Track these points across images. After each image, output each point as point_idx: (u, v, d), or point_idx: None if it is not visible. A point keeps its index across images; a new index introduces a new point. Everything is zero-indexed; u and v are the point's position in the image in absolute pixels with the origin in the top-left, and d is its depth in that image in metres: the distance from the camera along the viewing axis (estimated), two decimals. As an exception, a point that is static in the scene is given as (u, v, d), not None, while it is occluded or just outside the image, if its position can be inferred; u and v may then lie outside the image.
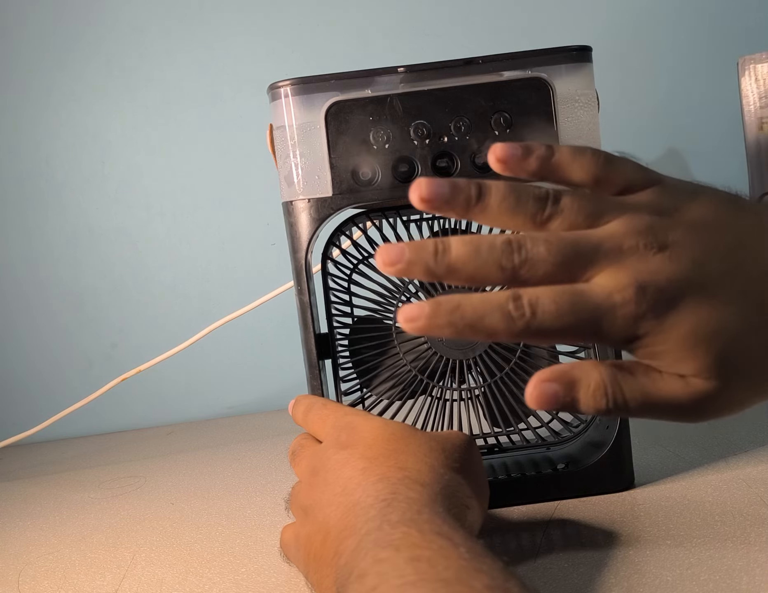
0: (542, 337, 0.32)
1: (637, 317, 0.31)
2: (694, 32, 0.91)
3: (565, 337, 0.32)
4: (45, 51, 0.90)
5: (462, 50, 0.52)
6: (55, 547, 0.55)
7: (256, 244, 0.92)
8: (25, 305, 0.92)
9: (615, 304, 0.31)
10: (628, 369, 0.33)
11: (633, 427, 0.51)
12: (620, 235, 0.32)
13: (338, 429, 0.42)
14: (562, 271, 0.32)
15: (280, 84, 0.49)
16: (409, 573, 0.28)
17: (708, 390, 0.32)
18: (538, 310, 0.31)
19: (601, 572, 0.39)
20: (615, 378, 0.32)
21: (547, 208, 0.33)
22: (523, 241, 0.32)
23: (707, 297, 0.31)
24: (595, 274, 0.32)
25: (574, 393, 0.32)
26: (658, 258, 0.32)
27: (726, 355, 0.31)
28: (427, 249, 0.32)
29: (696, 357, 0.31)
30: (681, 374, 0.32)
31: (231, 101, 0.91)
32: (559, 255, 0.32)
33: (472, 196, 0.33)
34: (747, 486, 0.48)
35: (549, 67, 0.48)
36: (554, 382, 0.32)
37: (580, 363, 0.33)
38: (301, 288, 0.51)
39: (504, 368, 0.50)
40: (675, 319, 0.31)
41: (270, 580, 0.44)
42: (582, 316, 0.31)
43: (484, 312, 0.31)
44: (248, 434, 0.82)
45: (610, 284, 0.31)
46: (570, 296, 0.31)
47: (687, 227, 0.33)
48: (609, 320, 0.31)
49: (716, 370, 0.31)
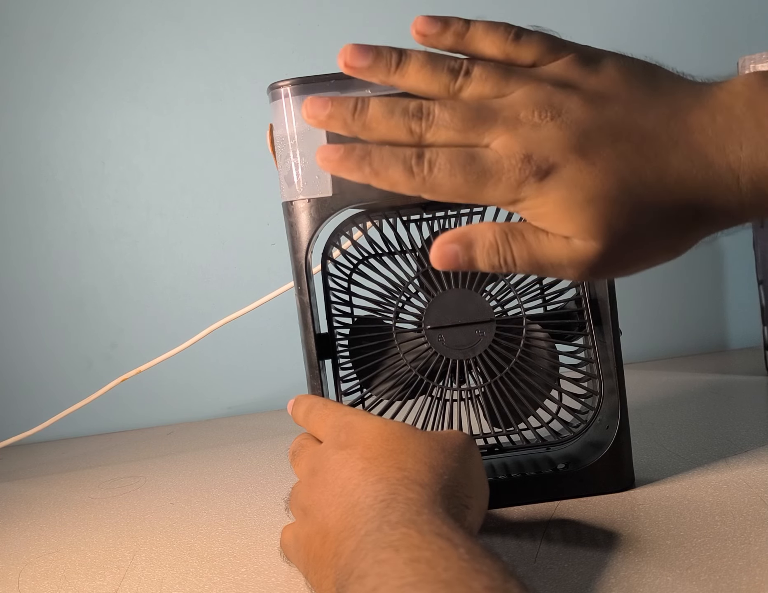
0: (435, 193, 0.35)
1: (519, 182, 0.34)
2: (694, 32, 0.91)
3: (456, 194, 0.35)
4: (45, 51, 0.90)
5: (462, 50, 0.52)
6: (55, 547, 0.55)
7: (256, 244, 0.92)
8: (25, 305, 0.92)
9: (501, 169, 0.34)
10: (520, 230, 0.36)
11: (633, 427, 0.51)
12: (519, 105, 0.35)
13: (337, 429, 0.42)
14: (463, 136, 0.35)
15: (280, 84, 0.49)
16: (409, 574, 0.28)
17: (587, 250, 0.34)
18: (435, 168, 0.35)
19: (601, 572, 0.40)
20: (505, 238, 0.36)
21: (458, 78, 0.36)
22: (432, 107, 0.35)
23: (587, 163, 0.34)
24: (491, 141, 0.35)
25: (471, 253, 0.36)
26: (549, 126, 0.34)
27: (602, 218, 0.34)
28: (348, 105, 0.36)
29: (572, 219, 0.34)
30: (564, 235, 0.35)
31: (231, 101, 0.91)
32: (461, 121, 0.35)
33: (392, 62, 0.37)
34: (747, 486, 0.49)
35: (549, 66, 0.48)
36: (454, 243, 0.36)
37: (477, 225, 0.36)
38: (301, 288, 0.51)
39: (504, 368, 0.50)
40: (554, 184, 0.34)
41: (270, 580, 0.44)
42: (470, 177, 0.34)
43: (389, 163, 0.35)
44: (248, 434, 0.82)
45: (501, 150, 0.34)
46: (464, 157, 0.34)
47: (583, 98, 0.35)
48: (494, 182, 0.34)
49: (593, 232, 0.34)
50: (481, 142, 0.35)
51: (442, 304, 0.50)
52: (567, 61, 0.37)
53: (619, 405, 0.50)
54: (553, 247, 0.35)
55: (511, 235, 0.35)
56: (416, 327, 0.50)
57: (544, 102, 0.35)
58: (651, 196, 0.34)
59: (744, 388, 0.74)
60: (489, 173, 0.34)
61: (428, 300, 0.50)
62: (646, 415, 0.67)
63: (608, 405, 0.51)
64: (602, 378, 0.51)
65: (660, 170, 0.34)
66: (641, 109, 0.35)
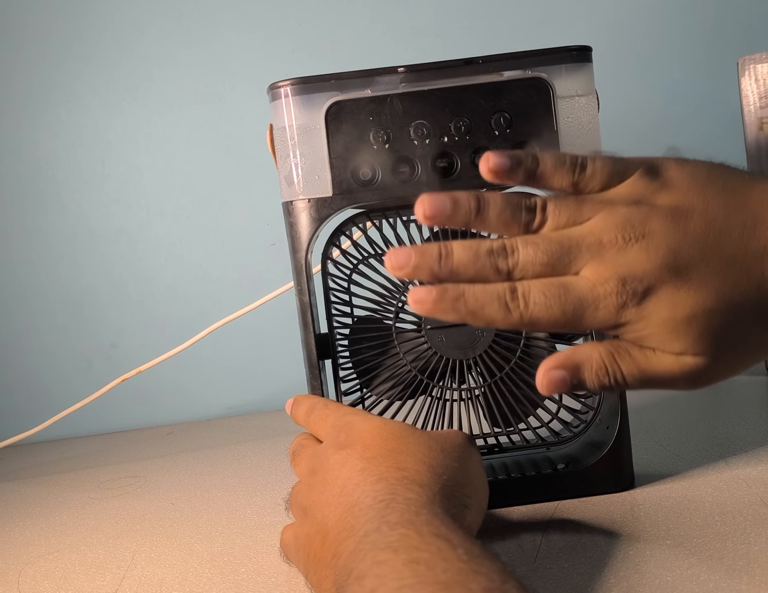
0: (534, 326, 0.35)
1: (618, 307, 0.34)
2: (694, 32, 0.91)
3: (555, 325, 0.35)
4: (45, 50, 0.90)
5: (462, 50, 0.52)
6: (55, 547, 0.55)
7: (256, 244, 0.92)
8: (25, 305, 0.92)
9: (598, 296, 0.34)
10: (625, 348, 0.36)
11: (633, 427, 0.51)
12: (599, 230, 0.35)
13: (337, 429, 0.42)
14: (550, 269, 0.35)
15: (280, 84, 0.49)
16: (408, 575, 0.28)
17: (698, 364, 0.35)
18: (530, 302, 0.35)
19: (601, 572, 0.39)
20: (613, 358, 0.35)
21: (536, 217, 0.37)
22: (515, 244, 0.36)
23: (684, 281, 0.34)
24: (580, 268, 0.35)
25: (580, 376, 0.35)
26: (636, 248, 0.34)
27: (708, 333, 0.34)
28: (432, 254, 0.36)
29: (679, 339, 0.34)
30: (673, 352, 0.35)
31: (231, 101, 0.91)
32: (545, 254, 0.35)
33: (471, 209, 0.36)
34: (747, 486, 0.48)
35: (549, 67, 0.48)
36: (560, 369, 0.35)
37: (581, 347, 0.36)
38: (301, 288, 0.51)
39: (504, 368, 0.50)
40: (654, 306, 0.34)
41: (270, 580, 0.44)
42: (567, 307, 0.34)
43: (484, 302, 0.35)
44: (248, 434, 0.82)
45: (593, 277, 0.34)
46: (557, 288, 0.35)
47: (661, 215, 0.35)
48: (592, 310, 0.34)
49: (701, 347, 0.34)
50: (570, 272, 0.35)
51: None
52: (633, 179, 0.37)
53: (619, 405, 0.50)
54: (663, 363, 0.35)
55: (618, 355, 0.35)
56: (416, 327, 0.50)
57: (624, 223, 0.35)
58: (750, 305, 0.34)
59: (744, 388, 0.73)
60: (586, 302, 0.34)
61: (428, 301, 0.50)
62: (646, 415, 0.67)
63: (608, 405, 0.51)
64: (602, 378, 0.51)
65: (756, 280, 0.34)
66: (722, 219, 0.35)
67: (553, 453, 0.54)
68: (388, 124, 0.48)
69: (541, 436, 0.52)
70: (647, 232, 0.34)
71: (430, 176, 0.48)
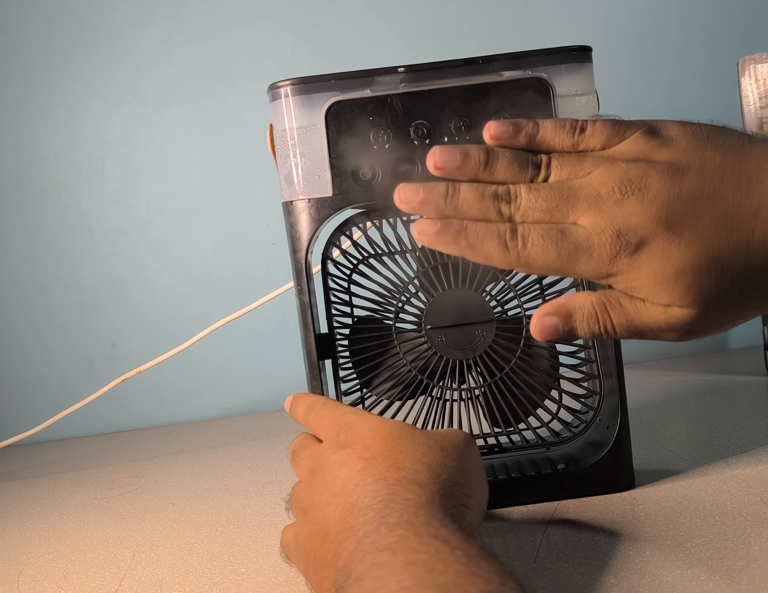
0: (530, 267, 0.37)
1: (611, 257, 0.36)
2: (694, 32, 0.91)
3: (549, 269, 0.37)
4: (45, 50, 0.90)
5: (462, 50, 0.52)
6: (55, 547, 0.55)
7: (256, 244, 0.92)
8: (25, 305, 0.92)
9: (593, 244, 0.36)
10: (617, 298, 0.37)
11: (633, 427, 0.51)
12: (598, 183, 0.37)
13: (337, 428, 0.42)
14: (549, 216, 0.37)
15: (280, 84, 0.49)
16: (406, 577, 0.28)
17: (685, 316, 0.36)
18: (528, 243, 0.36)
19: (601, 572, 0.39)
20: (604, 307, 0.37)
21: (541, 172, 0.39)
22: (519, 190, 0.38)
23: (675, 236, 0.35)
24: (577, 218, 0.36)
25: (571, 323, 0.37)
26: (631, 201, 0.36)
27: (695, 287, 0.35)
28: (440, 191, 0.38)
29: (667, 291, 0.35)
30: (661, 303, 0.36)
31: (231, 101, 0.91)
32: (546, 201, 0.37)
33: (480, 161, 0.38)
34: (747, 486, 0.49)
35: (549, 67, 0.48)
36: (554, 315, 0.37)
37: (574, 296, 0.38)
38: (301, 288, 0.51)
39: (504, 368, 0.50)
40: (645, 258, 0.35)
41: (270, 580, 0.44)
42: (563, 252, 0.36)
43: (484, 238, 0.37)
44: (248, 434, 0.82)
45: (590, 226, 0.36)
46: (555, 233, 0.36)
47: (659, 170, 0.36)
48: (586, 258, 0.36)
49: (688, 299, 0.35)
50: (567, 220, 0.37)
51: (442, 304, 0.50)
52: (634, 138, 0.38)
53: (619, 405, 0.50)
54: (651, 313, 0.37)
55: (609, 304, 0.37)
56: (416, 328, 0.50)
57: (622, 177, 0.36)
58: (738, 262, 0.35)
59: (744, 388, 0.73)
60: (581, 249, 0.36)
61: (428, 300, 0.50)
62: (646, 415, 0.67)
63: (608, 405, 0.51)
64: (602, 378, 0.51)
65: (745, 238, 0.35)
66: (718, 176, 0.36)
67: (553, 453, 0.54)
68: (388, 124, 0.48)
69: (541, 436, 0.52)
70: (643, 186, 0.36)
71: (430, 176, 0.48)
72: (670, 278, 0.35)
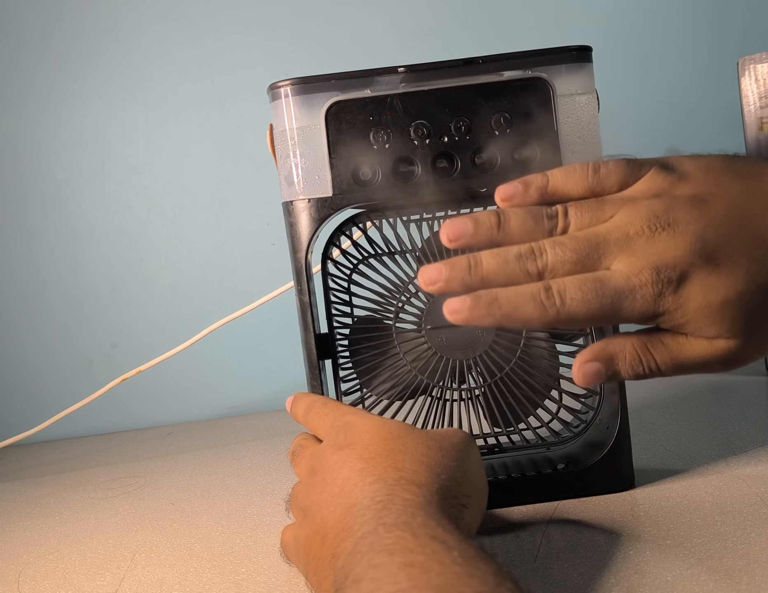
0: (572, 322, 0.35)
1: (656, 296, 0.34)
2: (694, 32, 0.91)
3: (592, 320, 0.35)
4: (45, 51, 0.90)
5: (462, 50, 0.52)
6: (55, 547, 0.55)
7: (256, 244, 0.92)
8: (25, 305, 0.92)
9: (634, 286, 0.34)
10: (658, 337, 0.36)
11: (633, 427, 0.51)
12: (625, 224, 0.36)
13: (336, 428, 0.42)
14: (580, 267, 0.36)
15: (280, 84, 0.49)
16: (402, 579, 0.28)
17: (731, 347, 0.35)
18: (567, 298, 0.35)
19: (601, 572, 0.39)
20: (646, 348, 0.36)
21: (559, 223, 0.37)
22: (543, 247, 0.36)
23: (714, 266, 0.34)
24: (610, 263, 0.35)
25: (614, 367, 0.36)
26: (663, 237, 0.35)
27: (741, 315, 0.34)
28: (462, 266, 0.36)
29: (715, 323, 0.34)
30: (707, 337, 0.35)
31: (231, 101, 0.91)
32: (575, 252, 0.36)
33: (492, 225, 0.37)
34: (747, 486, 0.48)
35: (549, 67, 0.48)
36: (595, 361, 0.36)
37: (612, 339, 0.36)
38: (301, 288, 0.51)
39: (504, 368, 0.50)
40: (689, 293, 0.34)
41: (270, 580, 0.44)
42: (605, 300, 0.34)
43: (518, 303, 0.35)
44: (248, 434, 0.82)
45: (626, 269, 0.35)
46: (593, 283, 0.35)
47: (682, 204, 0.36)
48: (630, 302, 0.34)
49: (735, 330, 0.35)
50: (600, 267, 0.36)
51: (442, 304, 0.50)
52: (650, 175, 0.38)
53: (619, 405, 0.50)
54: (695, 349, 0.36)
55: (650, 345, 0.36)
56: (416, 328, 0.50)
57: (649, 215, 0.35)
58: None
59: (744, 388, 0.73)
60: (623, 293, 0.34)
61: (428, 300, 0.50)
62: (646, 415, 0.67)
63: (608, 405, 0.51)
64: (602, 378, 0.51)
65: None
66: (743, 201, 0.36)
67: (553, 453, 0.54)
68: (388, 124, 0.48)
69: (541, 436, 0.52)
70: (672, 220, 0.35)
71: (430, 176, 0.48)
72: (717, 310, 0.34)
